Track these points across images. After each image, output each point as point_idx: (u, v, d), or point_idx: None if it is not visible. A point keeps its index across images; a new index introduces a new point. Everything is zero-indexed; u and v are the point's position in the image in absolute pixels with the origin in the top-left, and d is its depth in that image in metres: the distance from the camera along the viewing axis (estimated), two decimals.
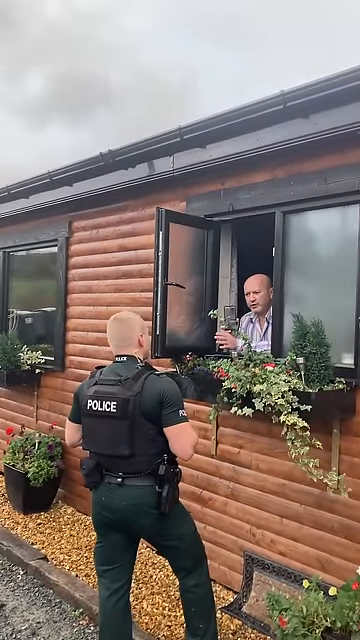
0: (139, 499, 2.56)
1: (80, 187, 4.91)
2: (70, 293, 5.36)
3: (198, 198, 4.01)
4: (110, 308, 4.70)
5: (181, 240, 3.81)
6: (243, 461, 3.69)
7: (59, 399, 5.32)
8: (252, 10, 49.87)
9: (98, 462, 2.64)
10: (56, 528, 4.72)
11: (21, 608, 3.54)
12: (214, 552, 3.82)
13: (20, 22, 44.00)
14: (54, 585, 3.73)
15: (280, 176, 3.49)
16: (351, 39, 33.38)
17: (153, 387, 2.56)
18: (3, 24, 46.56)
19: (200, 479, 3.97)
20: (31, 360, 5.61)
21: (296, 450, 2.83)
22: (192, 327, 3.92)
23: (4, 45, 47.38)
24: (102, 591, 2.74)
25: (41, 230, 5.72)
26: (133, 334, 2.74)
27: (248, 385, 3.07)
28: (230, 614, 3.43)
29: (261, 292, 3.84)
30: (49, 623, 3.37)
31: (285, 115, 3.18)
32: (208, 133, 3.61)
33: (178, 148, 3.90)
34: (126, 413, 2.52)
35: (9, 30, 47.03)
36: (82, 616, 3.42)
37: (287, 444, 2.87)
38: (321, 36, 37.48)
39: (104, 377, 2.67)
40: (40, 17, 44.48)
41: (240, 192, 3.71)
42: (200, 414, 3.92)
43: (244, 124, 3.39)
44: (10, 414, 6.17)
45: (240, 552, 3.66)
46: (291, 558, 3.37)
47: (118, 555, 2.71)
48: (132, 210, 4.64)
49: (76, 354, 5.24)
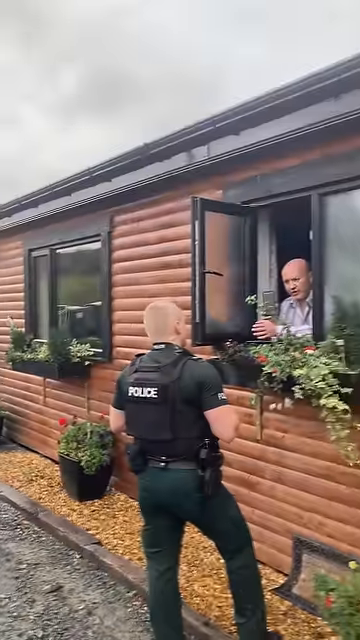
0: (182, 483, 2.63)
1: (119, 181, 5.01)
2: (114, 286, 5.48)
3: (234, 185, 4.02)
4: (152, 299, 4.73)
5: (218, 228, 3.84)
6: (288, 445, 3.70)
7: (108, 389, 5.45)
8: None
9: (142, 447, 2.73)
10: (110, 514, 4.87)
11: (78, 590, 3.69)
12: (263, 536, 3.86)
13: (49, 21, 44.45)
14: (108, 568, 3.87)
15: (315, 158, 3.46)
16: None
17: (192, 372, 2.62)
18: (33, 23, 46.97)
19: (247, 464, 4.01)
20: (80, 353, 5.77)
21: (336, 433, 2.83)
22: (232, 314, 3.96)
23: (35, 45, 47.96)
24: (151, 573, 2.83)
25: (84, 226, 5.86)
26: (169, 321, 2.80)
27: (288, 369, 3.09)
28: (280, 595, 3.47)
29: (301, 279, 3.82)
30: (104, 604, 3.50)
31: (316, 96, 3.15)
32: (241, 120, 3.63)
33: (212, 137, 3.92)
34: (166, 398, 2.59)
35: (38, 29, 47.48)
36: (135, 597, 3.54)
37: (327, 427, 2.87)
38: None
39: (143, 364, 2.75)
40: (69, 14, 44.88)
41: (276, 177, 3.70)
42: (244, 400, 3.95)
43: (276, 108, 3.38)
44: (63, 405, 6.38)
45: (289, 535, 3.68)
46: (339, 540, 3.37)
47: (164, 538, 2.79)
48: (170, 201, 4.69)
49: (122, 345, 5.37)
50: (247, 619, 2.81)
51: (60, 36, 54.39)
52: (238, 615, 2.87)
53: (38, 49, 59.17)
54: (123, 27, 58.05)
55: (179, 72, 53.03)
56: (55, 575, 3.89)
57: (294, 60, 35.76)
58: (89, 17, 55.42)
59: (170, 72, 53.38)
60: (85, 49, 58.36)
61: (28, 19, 56.05)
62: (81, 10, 55.38)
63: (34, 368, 6.30)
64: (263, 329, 3.69)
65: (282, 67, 36.00)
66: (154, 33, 54.85)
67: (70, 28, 54.99)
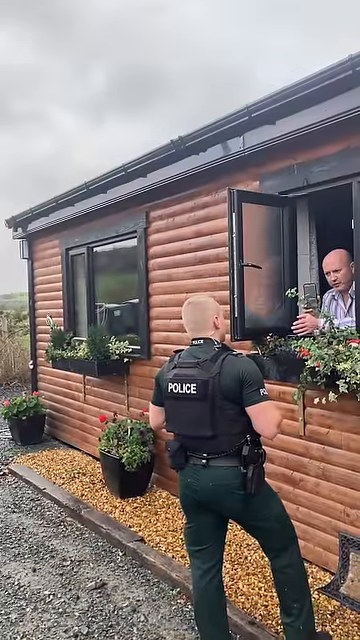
0: (225, 480, 2.58)
1: (154, 177, 4.98)
2: (151, 283, 5.46)
3: (271, 175, 3.93)
4: (189, 294, 4.72)
5: (256, 220, 3.76)
6: (333, 441, 3.61)
7: (148, 386, 5.45)
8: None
9: (182, 444, 2.69)
10: (152, 511, 4.86)
11: (121, 587, 3.69)
12: (309, 533, 3.78)
13: (78, 19, 44.83)
14: (151, 565, 3.86)
15: (354, 145, 3.34)
16: None
17: (232, 367, 2.56)
18: (62, 23, 47.69)
19: (290, 460, 3.93)
20: (119, 350, 5.78)
21: None
22: (272, 308, 3.87)
23: (64, 44, 48.52)
24: (194, 571, 2.80)
25: (120, 223, 5.86)
26: (207, 316, 2.75)
27: (332, 363, 3.00)
28: (328, 595, 3.38)
29: (342, 270, 3.70)
30: (148, 601, 3.49)
31: (355, 80, 3.04)
32: (276, 109, 3.54)
33: (247, 127, 3.84)
34: (206, 394, 2.55)
35: (67, 29, 48.12)
36: (179, 595, 3.51)
37: None
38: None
39: (183, 360, 2.71)
40: (97, 12, 45.10)
41: (314, 165, 3.60)
42: (286, 395, 3.87)
43: (312, 95, 3.29)
44: (104, 403, 6.41)
45: (335, 533, 3.59)
46: None
47: (207, 536, 2.75)
48: (205, 195, 4.64)
49: (160, 342, 5.35)
50: (294, 618, 2.75)
51: (89, 34, 55.22)
52: (284, 614, 2.81)
53: (68, 48, 60.17)
54: (154, 23, 58.51)
55: (210, 67, 52.44)
56: (99, 572, 3.90)
57: (328, 51, 35.28)
58: (119, 14, 56.07)
59: (201, 67, 52.82)
60: (115, 46, 59.04)
61: (56, 19, 56.95)
62: (110, 7, 56.03)
63: (74, 366, 6.35)
64: (304, 325, 3.59)
65: (315, 58, 35.59)
66: (185, 29, 55.09)
67: (99, 26, 55.76)
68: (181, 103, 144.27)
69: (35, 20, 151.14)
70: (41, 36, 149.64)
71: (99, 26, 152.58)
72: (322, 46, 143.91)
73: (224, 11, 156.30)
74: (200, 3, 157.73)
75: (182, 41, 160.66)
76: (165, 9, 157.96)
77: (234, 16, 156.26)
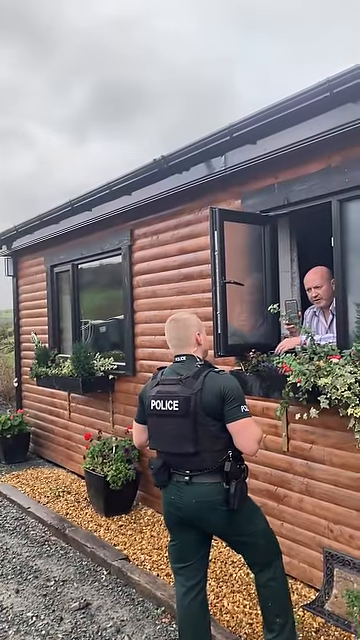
0: (208, 496, 2.59)
1: (138, 195, 5.03)
2: (136, 299, 5.48)
3: (252, 194, 4.00)
4: (174, 311, 4.74)
5: (237, 238, 3.81)
6: (316, 456, 3.63)
7: (133, 403, 5.44)
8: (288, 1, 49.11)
9: (165, 461, 2.70)
10: (137, 529, 4.83)
11: (106, 607, 3.65)
12: (293, 549, 3.78)
13: (55, 36, 45.46)
14: (136, 584, 3.83)
15: (333, 164, 3.42)
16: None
17: (214, 384, 2.58)
18: (39, 44, 48.33)
19: (274, 476, 3.94)
20: (104, 367, 5.77)
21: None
22: (255, 324, 3.91)
23: (43, 61, 49.11)
24: (178, 588, 2.79)
25: (105, 240, 5.89)
26: (190, 333, 2.77)
27: (313, 379, 3.03)
28: (312, 612, 3.38)
29: (323, 286, 3.76)
30: (133, 621, 3.46)
31: (332, 102, 3.12)
32: (257, 128, 3.61)
33: (229, 147, 3.91)
34: (188, 411, 2.56)
35: (45, 49, 48.78)
36: (164, 614, 3.49)
37: (356, 437, 2.80)
38: None
39: (165, 377, 2.73)
40: (72, 30, 45.94)
41: (294, 184, 3.67)
42: (269, 411, 3.89)
43: (292, 116, 3.36)
44: (88, 420, 6.38)
45: (319, 549, 3.60)
46: None
47: (191, 553, 2.75)
48: (189, 213, 4.69)
49: (145, 358, 5.36)
50: (277, 633, 2.75)
51: (68, 51, 55.98)
52: (267, 630, 2.81)
53: (46, 65, 60.94)
54: (130, 37, 59.48)
55: (189, 80, 53.35)
56: (83, 592, 3.86)
57: (299, 67, 36.22)
58: (95, 30, 56.95)
59: (180, 80, 53.71)
60: (93, 62, 59.85)
61: (34, 35, 57.72)
62: (87, 23, 56.98)
63: (59, 383, 6.33)
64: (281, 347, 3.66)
65: (289, 73, 36.56)
66: (161, 42, 56.04)
67: (77, 42, 56.60)
68: (161, 117, 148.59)
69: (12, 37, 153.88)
70: (19, 53, 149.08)
71: (77, 43, 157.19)
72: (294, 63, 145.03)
73: (199, 24, 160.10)
74: (174, 17, 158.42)
75: (159, 55, 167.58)
76: (139, 23, 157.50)
77: (209, 29, 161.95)
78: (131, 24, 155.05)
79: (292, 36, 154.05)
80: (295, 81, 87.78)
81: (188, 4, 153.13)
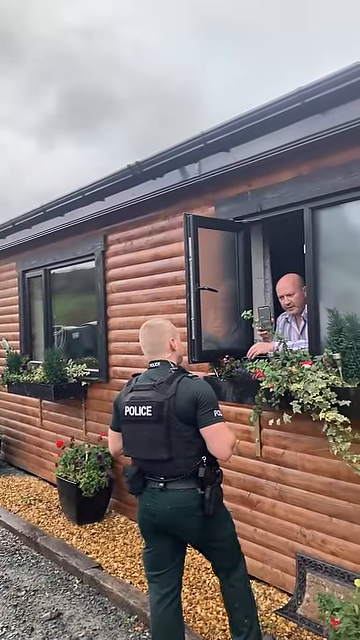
0: (183, 502, 2.59)
1: (112, 200, 5.02)
2: (110, 305, 5.46)
3: (226, 201, 4.02)
4: (148, 317, 4.75)
5: (211, 244, 3.83)
6: (288, 461, 3.66)
7: (106, 410, 5.41)
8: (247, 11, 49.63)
9: (140, 468, 2.68)
10: (109, 537, 4.79)
11: (78, 616, 3.60)
12: (266, 555, 3.79)
13: (20, 48, 44.98)
14: (109, 593, 3.79)
15: (305, 173, 3.47)
16: None
17: (187, 389, 2.59)
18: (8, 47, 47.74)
19: (247, 482, 3.96)
20: (77, 373, 5.72)
21: (338, 446, 2.79)
22: (228, 330, 3.93)
23: (11, 66, 48.53)
24: (153, 596, 2.77)
25: (78, 246, 5.86)
26: (164, 339, 2.78)
27: (285, 384, 3.06)
28: (285, 616, 3.40)
29: (295, 294, 3.80)
30: (105, 630, 3.42)
31: (304, 112, 3.17)
32: (230, 136, 3.64)
33: (203, 154, 3.93)
34: (161, 416, 2.55)
35: (11, 57, 48.28)
36: (137, 622, 3.46)
37: (329, 441, 2.83)
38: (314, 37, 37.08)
39: (139, 383, 2.72)
40: (38, 39, 45.44)
41: (267, 192, 3.71)
42: (243, 417, 3.91)
43: (264, 124, 3.39)
44: (60, 427, 6.32)
45: (292, 554, 3.62)
46: (343, 557, 3.31)
47: (166, 560, 2.74)
48: (163, 219, 4.70)
49: (119, 364, 5.33)
50: (245, 635, 2.78)
51: (35, 59, 55.66)
52: (235, 634, 2.83)
53: (14, 71, 60.34)
54: (96, 46, 59.33)
55: (154, 88, 53.56)
56: (55, 601, 3.80)
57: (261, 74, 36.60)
58: (64, 38, 56.66)
59: (145, 88, 53.83)
60: (60, 70, 59.48)
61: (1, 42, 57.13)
62: (54, 31, 56.71)
63: (30, 390, 6.25)
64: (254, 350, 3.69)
65: (253, 81, 37.09)
66: (126, 52, 56.11)
67: (45, 50, 56.23)
68: (128, 124, 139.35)
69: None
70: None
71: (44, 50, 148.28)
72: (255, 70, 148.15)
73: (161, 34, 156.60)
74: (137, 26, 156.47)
75: (124, 63, 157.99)
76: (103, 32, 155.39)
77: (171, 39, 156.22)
78: (95, 33, 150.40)
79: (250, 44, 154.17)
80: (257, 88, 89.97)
81: (149, 14, 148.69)
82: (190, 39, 49.26)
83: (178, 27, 49.44)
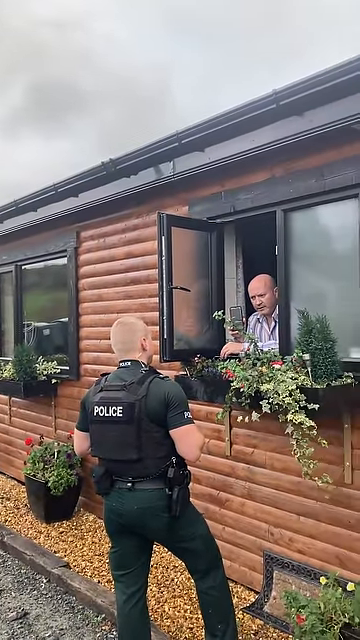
0: (150, 502, 2.58)
1: (85, 197, 4.98)
2: (81, 302, 5.42)
3: (199, 201, 4.03)
4: (120, 315, 4.73)
5: (184, 244, 3.83)
6: (258, 460, 3.69)
7: (76, 408, 5.32)
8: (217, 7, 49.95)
9: (107, 468, 2.67)
10: (78, 536, 4.76)
11: (44, 616, 3.58)
12: (234, 553, 3.82)
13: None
14: (76, 592, 3.77)
15: (278, 175, 3.49)
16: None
17: (158, 390, 2.58)
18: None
19: (216, 480, 3.98)
20: (47, 370, 5.67)
21: (302, 449, 2.82)
22: (200, 330, 3.94)
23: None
24: (119, 596, 2.77)
25: (50, 242, 5.80)
26: (136, 338, 2.77)
27: (256, 384, 3.07)
28: (252, 614, 3.43)
29: (266, 294, 3.83)
30: (72, 630, 3.40)
31: (279, 114, 3.19)
32: (205, 136, 3.64)
33: (177, 153, 3.93)
34: (132, 417, 2.55)
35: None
36: (104, 621, 3.45)
37: (292, 443, 2.86)
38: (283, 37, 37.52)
39: (109, 383, 2.70)
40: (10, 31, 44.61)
41: (240, 193, 3.72)
42: (213, 416, 3.91)
43: (239, 125, 3.40)
44: (29, 425, 6.25)
45: (260, 552, 3.65)
46: (310, 556, 3.36)
47: (132, 559, 2.73)
48: (136, 217, 4.68)
49: (90, 362, 5.30)
50: (218, 639, 2.77)
51: (6, 50, 54.73)
52: (209, 635, 2.83)
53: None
54: (66, 39, 58.74)
55: (124, 83, 53.16)
56: (21, 601, 3.76)
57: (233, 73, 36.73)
58: (34, 29, 55.98)
59: (115, 84, 53.45)
60: (29, 62, 58.70)
61: None
62: (24, 23, 55.90)
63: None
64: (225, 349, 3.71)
65: (222, 79, 37.26)
66: (97, 46, 55.68)
67: (16, 42, 55.41)
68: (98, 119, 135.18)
69: None
70: None
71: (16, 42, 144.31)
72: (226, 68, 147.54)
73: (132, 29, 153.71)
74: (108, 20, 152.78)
75: (95, 57, 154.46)
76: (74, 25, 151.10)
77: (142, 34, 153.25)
78: (68, 25, 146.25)
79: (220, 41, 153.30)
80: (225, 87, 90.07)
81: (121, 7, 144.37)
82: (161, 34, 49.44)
83: (149, 22, 49.42)
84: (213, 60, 49.89)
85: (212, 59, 49.63)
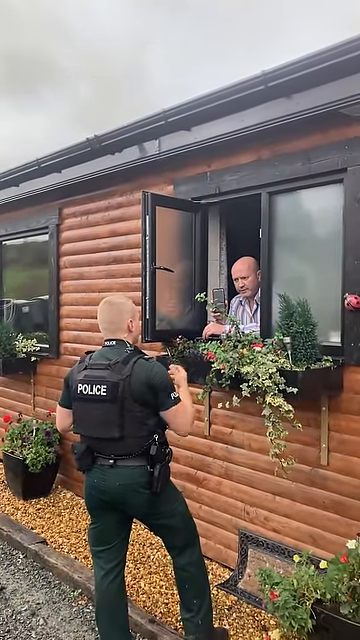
0: (132, 479, 2.61)
1: (68, 173, 4.91)
2: (62, 280, 5.37)
3: (185, 181, 4.01)
4: (102, 294, 4.71)
5: (169, 224, 3.81)
6: (235, 441, 3.73)
7: (55, 386, 5.36)
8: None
9: (89, 445, 2.68)
10: (55, 512, 4.79)
11: (21, 590, 3.60)
12: (210, 531, 3.88)
13: None
14: (53, 567, 3.80)
15: (265, 157, 3.48)
16: None
17: (142, 371, 2.59)
18: None
19: (194, 460, 4.02)
20: (26, 348, 5.64)
21: (277, 432, 2.86)
22: (183, 311, 3.94)
23: None
24: (97, 571, 2.80)
25: (32, 218, 5.72)
26: (123, 318, 2.76)
27: (236, 366, 3.10)
28: (226, 590, 3.50)
29: (249, 277, 3.85)
30: (48, 604, 3.44)
31: (267, 95, 3.17)
32: (192, 115, 3.61)
33: (163, 131, 3.89)
34: (116, 396, 2.55)
35: None
36: (81, 596, 3.49)
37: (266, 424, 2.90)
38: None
39: (94, 361, 2.70)
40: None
41: (226, 174, 3.71)
42: (193, 396, 3.94)
43: (227, 105, 3.38)
44: (8, 402, 6.22)
45: (235, 530, 3.72)
46: (284, 535, 3.43)
47: (111, 536, 2.76)
48: (120, 195, 4.64)
49: (70, 341, 5.28)
50: (194, 614, 2.83)
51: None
52: (184, 610, 2.88)
53: None
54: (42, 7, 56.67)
55: (103, 57, 51.70)
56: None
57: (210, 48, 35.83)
58: None
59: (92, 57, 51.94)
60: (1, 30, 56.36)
61: None
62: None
63: None
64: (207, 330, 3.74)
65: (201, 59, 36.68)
66: (75, 15, 53.80)
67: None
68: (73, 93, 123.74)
69: None
70: None
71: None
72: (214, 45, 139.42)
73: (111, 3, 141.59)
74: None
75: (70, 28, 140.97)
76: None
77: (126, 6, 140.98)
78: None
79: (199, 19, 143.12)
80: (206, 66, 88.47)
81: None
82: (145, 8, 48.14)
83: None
84: (191, 38, 49.19)
85: (190, 37, 48.86)
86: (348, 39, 2.71)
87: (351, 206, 3.04)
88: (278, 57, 3.32)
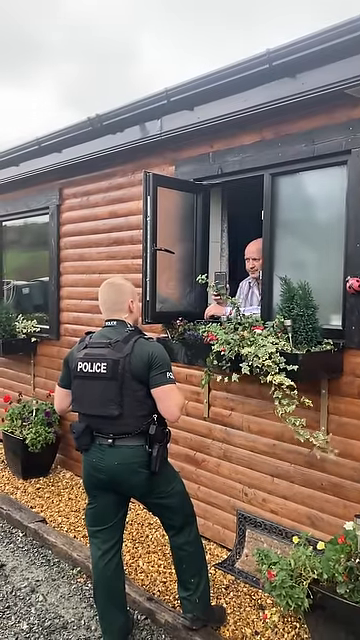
0: (130, 458, 2.62)
1: (69, 153, 4.86)
2: (63, 261, 5.35)
3: (187, 162, 3.97)
4: (102, 275, 4.70)
5: (170, 205, 3.78)
6: (235, 423, 3.75)
7: (55, 367, 5.36)
8: None
9: (88, 424, 2.69)
10: (55, 492, 4.83)
11: (21, 567, 3.64)
12: (208, 512, 3.92)
13: None
14: (52, 546, 3.84)
15: (268, 137, 3.45)
16: None
17: (142, 349, 2.60)
18: None
19: (194, 441, 4.04)
20: (27, 329, 5.64)
21: (283, 408, 2.86)
22: (183, 293, 3.93)
23: None
24: (94, 551, 2.82)
25: (32, 198, 5.68)
26: (124, 299, 2.77)
27: (237, 348, 3.10)
28: (223, 570, 3.54)
29: (260, 260, 3.82)
30: (48, 581, 3.48)
31: (271, 75, 3.13)
32: (195, 95, 3.56)
33: (165, 111, 3.84)
34: (116, 374, 2.56)
35: None
36: (80, 574, 3.53)
37: (275, 403, 2.91)
38: None
39: (94, 340, 2.70)
40: None
41: (229, 155, 3.67)
42: (192, 378, 3.97)
43: (230, 85, 3.34)
44: (8, 382, 6.24)
45: (233, 511, 3.75)
46: (282, 516, 3.46)
47: (109, 515, 2.78)
48: (121, 176, 4.60)
49: (70, 322, 5.27)
50: (191, 592, 2.86)
51: None
52: (182, 589, 2.91)
53: None
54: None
55: (93, 37, 50.29)
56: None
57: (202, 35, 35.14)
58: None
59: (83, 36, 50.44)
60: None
61: None
62: None
63: None
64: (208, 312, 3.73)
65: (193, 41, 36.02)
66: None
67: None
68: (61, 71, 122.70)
69: None
70: None
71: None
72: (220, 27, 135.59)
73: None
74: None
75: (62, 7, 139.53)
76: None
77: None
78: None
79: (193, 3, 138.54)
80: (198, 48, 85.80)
81: None
82: None
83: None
84: (183, 22, 47.70)
85: (182, 20, 47.41)
86: (354, 17, 2.67)
87: (354, 188, 3.01)
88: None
